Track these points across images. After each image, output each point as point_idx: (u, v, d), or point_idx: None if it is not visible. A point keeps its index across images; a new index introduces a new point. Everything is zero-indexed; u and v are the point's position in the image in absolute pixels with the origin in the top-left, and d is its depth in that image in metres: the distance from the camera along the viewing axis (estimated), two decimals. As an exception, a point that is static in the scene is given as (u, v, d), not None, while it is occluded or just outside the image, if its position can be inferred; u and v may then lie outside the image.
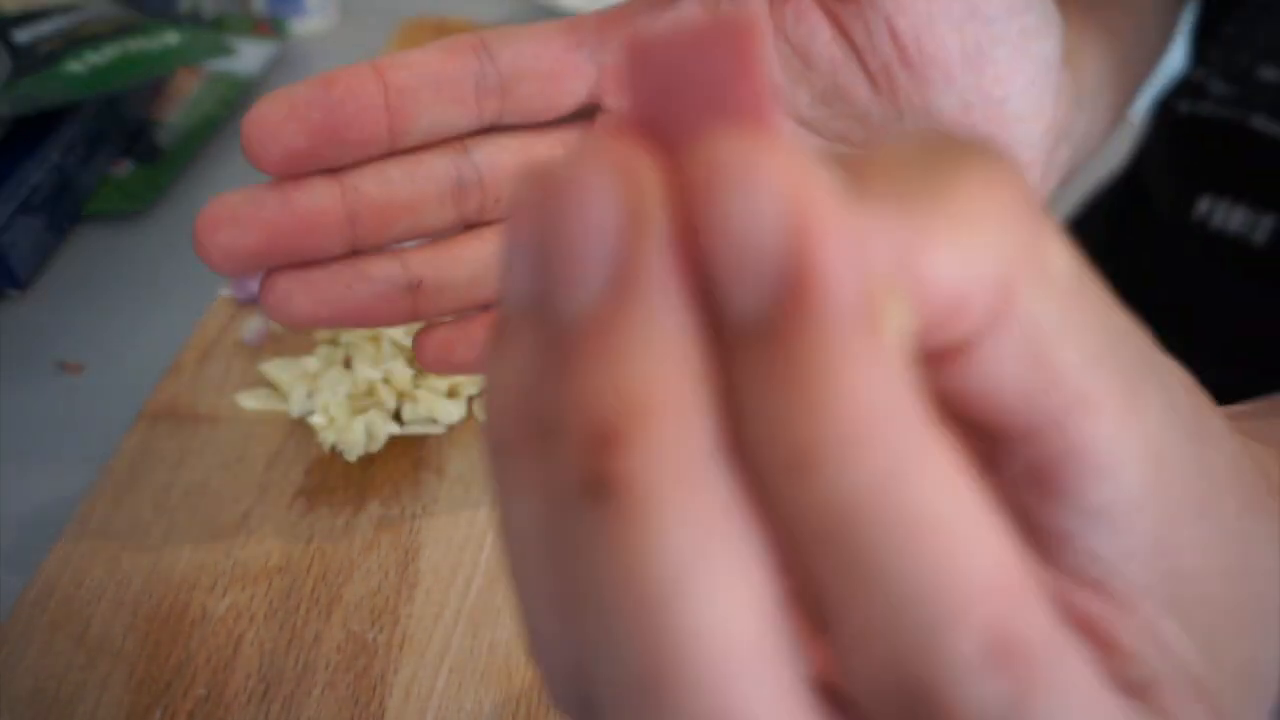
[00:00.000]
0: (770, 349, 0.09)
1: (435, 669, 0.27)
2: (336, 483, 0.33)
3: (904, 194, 0.10)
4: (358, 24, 0.77)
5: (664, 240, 0.09)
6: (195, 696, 0.26)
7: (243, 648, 0.27)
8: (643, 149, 0.09)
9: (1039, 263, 0.11)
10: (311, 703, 0.26)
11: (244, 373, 0.37)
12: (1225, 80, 0.42)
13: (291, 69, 0.67)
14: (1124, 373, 0.12)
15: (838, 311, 0.08)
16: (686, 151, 0.09)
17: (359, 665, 0.27)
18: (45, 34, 0.45)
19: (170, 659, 0.27)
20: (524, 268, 0.09)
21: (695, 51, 0.09)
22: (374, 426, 0.34)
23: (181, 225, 0.48)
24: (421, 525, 0.31)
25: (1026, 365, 0.11)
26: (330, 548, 0.30)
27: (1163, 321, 0.47)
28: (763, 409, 0.09)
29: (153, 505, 0.31)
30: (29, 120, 0.44)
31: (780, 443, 0.09)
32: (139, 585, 0.29)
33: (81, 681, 0.26)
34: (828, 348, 0.08)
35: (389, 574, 0.30)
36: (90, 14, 0.49)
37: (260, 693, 0.26)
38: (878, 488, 0.08)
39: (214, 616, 0.28)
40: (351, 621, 0.28)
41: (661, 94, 0.09)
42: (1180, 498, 0.12)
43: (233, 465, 0.33)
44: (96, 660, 0.27)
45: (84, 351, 0.39)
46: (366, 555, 0.30)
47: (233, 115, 0.57)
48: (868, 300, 0.08)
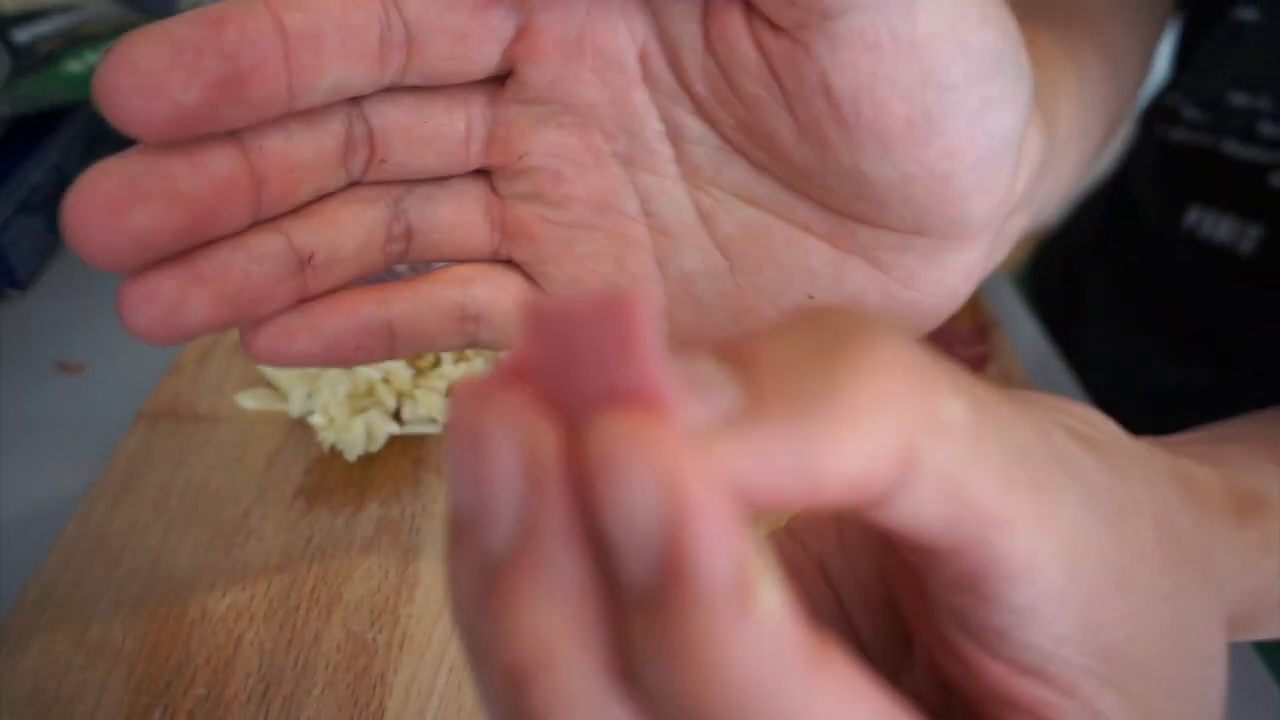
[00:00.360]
0: (657, 617, 0.09)
1: (435, 669, 0.27)
2: (336, 483, 0.33)
3: (792, 397, 0.11)
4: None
5: (562, 504, 0.10)
6: (195, 696, 0.26)
7: (243, 648, 0.27)
8: (540, 408, 0.10)
9: (934, 421, 0.11)
10: (311, 703, 0.26)
11: (244, 373, 0.37)
12: (1197, 106, 0.42)
13: (291, 69, 0.67)
14: (1034, 484, 0.13)
15: (711, 592, 0.09)
16: (582, 422, 0.10)
17: (359, 665, 0.27)
18: (45, 34, 0.45)
19: (170, 659, 0.27)
20: (461, 488, 0.10)
21: (586, 324, 0.09)
22: (374, 426, 0.34)
23: (181, 225, 0.48)
24: (421, 525, 0.31)
25: (941, 504, 0.12)
26: (330, 548, 0.30)
27: (1153, 323, 0.47)
28: (655, 671, 0.10)
29: (153, 505, 0.31)
30: (29, 120, 0.44)
31: (672, 705, 0.10)
32: (139, 585, 0.29)
33: (81, 681, 0.26)
34: (705, 625, 0.09)
35: (389, 574, 0.30)
36: (90, 14, 0.49)
37: (260, 693, 0.26)
38: None
39: (214, 616, 0.28)
40: (351, 621, 0.28)
41: (558, 359, 0.10)
42: (1102, 579, 0.13)
43: (233, 465, 0.33)
44: (96, 660, 0.27)
45: (84, 351, 0.39)
46: (366, 555, 0.30)
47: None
48: (740, 579, 0.09)
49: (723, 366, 0.11)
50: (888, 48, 0.17)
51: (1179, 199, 0.43)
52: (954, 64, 0.17)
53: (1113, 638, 0.13)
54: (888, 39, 0.17)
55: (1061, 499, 0.13)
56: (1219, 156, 0.40)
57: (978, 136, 0.18)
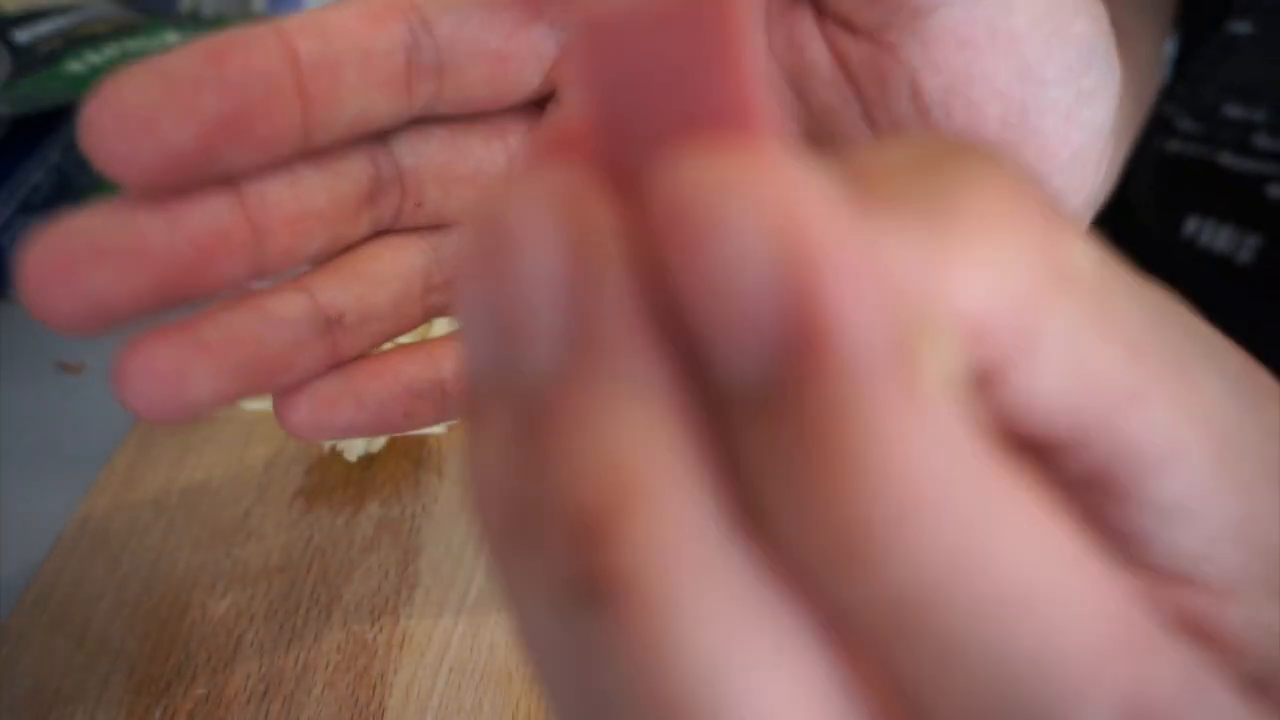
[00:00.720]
0: (783, 421, 0.07)
1: (435, 669, 0.27)
2: (336, 483, 0.33)
3: (912, 203, 0.09)
4: (358, 24, 0.76)
5: (625, 289, 0.07)
6: (195, 696, 0.26)
7: (243, 648, 0.27)
8: (593, 170, 0.07)
9: (1061, 267, 0.09)
10: (311, 703, 0.26)
11: (244, 373, 0.37)
12: (1192, 117, 0.42)
13: (291, 69, 0.67)
14: (1170, 354, 0.10)
15: (864, 364, 0.07)
16: (655, 171, 0.07)
17: (359, 665, 0.27)
18: (45, 34, 0.45)
19: (170, 659, 0.27)
20: (480, 336, 0.08)
21: (665, 35, 0.07)
22: (374, 426, 0.34)
23: (181, 225, 0.48)
24: (421, 525, 0.31)
25: (1067, 376, 0.10)
26: (330, 548, 0.30)
27: None
28: (786, 493, 0.07)
29: (153, 505, 0.31)
30: (29, 120, 0.44)
31: (818, 532, 0.07)
32: (139, 585, 0.29)
33: (81, 681, 0.26)
34: (859, 411, 0.07)
35: (389, 574, 0.30)
36: (90, 14, 0.49)
37: (260, 693, 0.26)
38: (958, 569, 0.07)
39: (214, 616, 0.28)
40: (351, 621, 0.28)
41: (623, 89, 0.07)
42: (1255, 468, 0.11)
43: (233, 465, 0.33)
44: (96, 660, 0.27)
45: (84, 351, 0.39)
46: (366, 555, 0.30)
47: (233, 115, 0.57)
48: (899, 343, 0.07)
49: (832, 164, 0.08)
50: (984, 43, 0.16)
51: (1178, 208, 0.43)
52: (1052, 57, 0.16)
53: (1273, 536, 0.11)
54: (984, 34, 0.16)
55: (1202, 375, 0.11)
56: (1215, 168, 0.41)
57: (1072, 133, 0.17)
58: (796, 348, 0.07)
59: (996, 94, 0.16)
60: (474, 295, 0.08)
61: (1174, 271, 0.46)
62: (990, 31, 0.16)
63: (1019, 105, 0.16)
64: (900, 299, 0.07)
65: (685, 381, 0.07)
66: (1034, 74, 0.16)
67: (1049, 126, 0.17)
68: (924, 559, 0.07)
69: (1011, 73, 0.16)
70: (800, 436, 0.07)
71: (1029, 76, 0.16)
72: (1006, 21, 0.16)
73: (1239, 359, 0.12)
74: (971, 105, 0.16)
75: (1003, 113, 0.16)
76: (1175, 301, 0.12)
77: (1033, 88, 0.16)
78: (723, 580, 0.07)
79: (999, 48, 0.16)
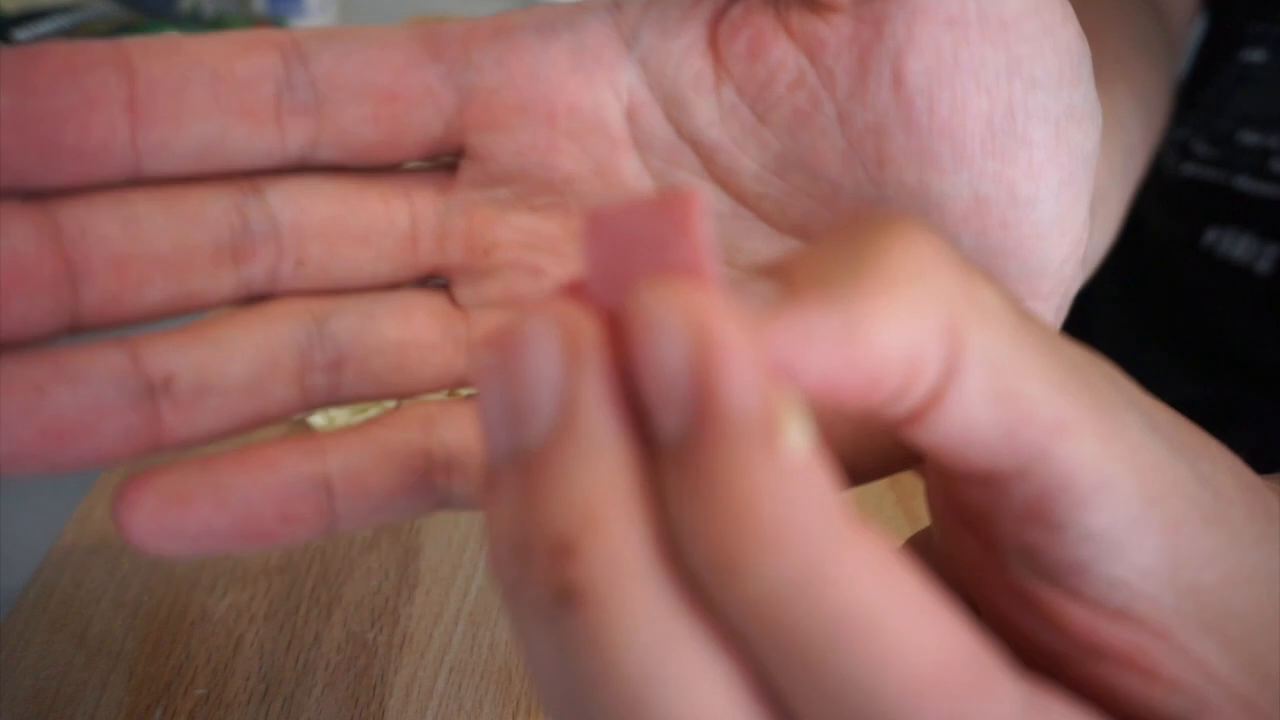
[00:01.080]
0: (687, 465, 0.09)
1: (435, 669, 0.27)
2: (336, 483, 0.33)
3: (830, 282, 0.10)
4: (357, 24, 0.77)
5: (600, 378, 0.10)
6: (195, 696, 0.26)
7: (243, 648, 0.27)
8: (584, 303, 0.10)
9: (976, 304, 0.11)
10: (311, 703, 0.26)
11: (244, 373, 0.37)
12: (1208, 143, 0.42)
13: (291, 69, 0.67)
14: (1091, 393, 0.12)
15: (736, 430, 0.09)
16: (630, 301, 0.10)
17: (359, 665, 0.27)
18: (45, 34, 0.45)
19: (170, 659, 0.27)
20: (496, 420, 0.10)
21: (647, 219, 0.10)
22: (374, 426, 0.34)
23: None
24: (421, 525, 0.31)
25: (996, 404, 0.11)
26: (330, 548, 0.30)
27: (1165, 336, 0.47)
28: (685, 519, 0.10)
29: (153, 505, 0.31)
30: (29, 120, 0.44)
31: (702, 549, 0.09)
32: (139, 585, 0.29)
33: (81, 681, 0.26)
34: (731, 463, 0.09)
35: (389, 574, 0.30)
36: (90, 14, 0.49)
37: (260, 693, 0.26)
38: (798, 590, 0.09)
39: (214, 616, 0.28)
40: (351, 621, 0.28)
41: (614, 255, 0.11)
42: (1182, 509, 0.12)
43: (233, 465, 0.33)
44: (96, 660, 0.27)
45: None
46: (366, 555, 0.30)
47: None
48: (765, 416, 0.09)
49: (762, 277, 0.11)
50: (974, 24, 0.15)
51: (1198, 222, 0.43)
52: (1043, 54, 0.15)
53: (1202, 577, 0.12)
54: (974, 13, 0.14)
55: (1123, 414, 0.12)
56: (1231, 191, 0.41)
57: (1061, 154, 0.15)
58: (696, 415, 0.09)
59: (983, 88, 0.15)
60: (492, 390, 0.10)
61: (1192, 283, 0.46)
62: (979, 12, 0.14)
63: (1006, 104, 0.15)
64: (773, 382, 0.10)
65: (642, 445, 0.10)
66: (1023, 70, 0.15)
67: (1038, 137, 0.15)
68: (773, 578, 0.09)
69: (1000, 64, 0.15)
70: (694, 477, 0.09)
71: (1017, 71, 0.15)
72: (996, 5, 0.15)
73: (1167, 413, 0.13)
74: (956, 98, 0.15)
75: (989, 111, 0.15)
76: (1096, 356, 0.13)
77: (1021, 85, 0.15)
78: (661, 589, 0.10)
79: (988, 32, 0.15)
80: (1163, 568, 0.12)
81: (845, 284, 0.10)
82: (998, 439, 0.11)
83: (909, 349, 0.10)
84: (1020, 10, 0.15)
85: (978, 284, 0.11)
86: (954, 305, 0.11)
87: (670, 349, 0.09)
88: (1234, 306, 0.42)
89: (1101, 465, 0.11)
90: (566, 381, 0.10)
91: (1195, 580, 0.12)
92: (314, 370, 0.16)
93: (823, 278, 0.11)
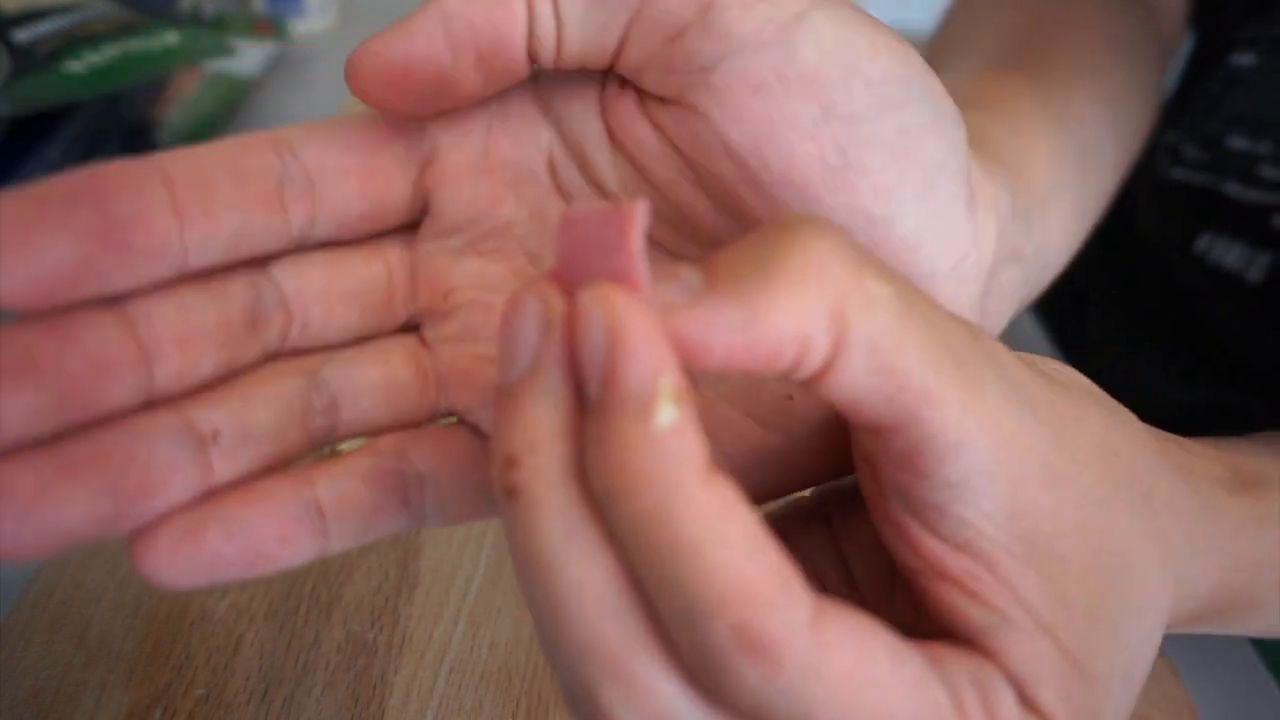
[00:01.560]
0: (596, 419, 0.13)
1: (435, 669, 0.27)
2: (336, 483, 0.33)
3: (740, 275, 0.13)
4: (358, 24, 0.77)
5: (559, 346, 0.14)
6: (195, 696, 0.26)
7: (243, 648, 0.27)
8: (558, 286, 0.14)
9: (862, 295, 0.14)
10: (311, 703, 0.26)
11: (244, 373, 0.37)
12: (1198, 146, 0.42)
13: (291, 69, 0.67)
14: (960, 368, 0.15)
15: (626, 402, 0.13)
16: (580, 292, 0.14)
17: (359, 665, 0.27)
18: (45, 34, 0.45)
19: (170, 659, 0.27)
20: (502, 352, 0.14)
21: (597, 227, 0.14)
22: (374, 426, 0.34)
23: (181, 225, 0.48)
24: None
25: (876, 376, 0.14)
26: (330, 548, 0.30)
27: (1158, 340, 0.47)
28: (591, 456, 0.13)
29: (153, 505, 0.31)
30: (29, 120, 0.44)
31: (598, 480, 0.13)
32: (139, 585, 0.29)
33: (81, 681, 0.26)
34: (620, 424, 0.13)
35: (389, 574, 0.30)
36: (90, 14, 0.49)
37: (260, 693, 0.26)
38: (652, 519, 0.13)
39: (214, 616, 0.28)
40: (351, 621, 0.28)
41: (576, 249, 0.14)
42: (1030, 469, 0.15)
43: (233, 465, 0.33)
44: (96, 660, 0.27)
45: (84, 351, 0.39)
46: (366, 555, 0.30)
47: (232, 115, 0.57)
48: (648, 393, 0.13)
49: (694, 268, 0.14)
50: (775, 87, 0.16)
51: (1189, 227, 0.43)
52: (854, 93, 0.16)
53: (1039, 526, 0.15)
54: (772, 77, 0.16)
55: (987, 386, 0.15)
56: (1220, 197, 0.41)
57: (908, 169, 0.17)
58: (604, 387, 0.13)
59: (806, 136, 0.16)
60: (503, 330, 0.14)
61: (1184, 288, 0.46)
62: (779, 75, 0.16)
63: (833, 144, 0.16)
64: (661, 368, 0.13)
65: (578, 399, 0.14)
66: (838, 111, 0.16)
67: (876, 164, 0.16)
68: (637, 509, 0.13)
69: (814, 113, 0.16)
70: (597, 430, 0.13)
71: (834, 114, 0.16)
72: (794, 63, 0.16)
73: (1046, 393, 0.16)
74: (783, 151, 0.16)
75: (819, 153, 0.16)
76: (978, 329, 0.16)
77: (841, 126, 0.16)
78: (567, 498, 0.13)
79: (793, 89, 0.16)
80: (1002, 515, 0.15)
81: (752, 278, 0.13)
82: (880, 403, 0.14)
83: (798, 333, 0.13)
84: (816, 63, 0.16)
85: (867, 276, 0.14)
86: (841, 296, 0.13)
87: (594, 337, 0.13)
88: (1227, 313, 0.42)
89: (961, 428, 0.14)
90: (539, 344, 0.14)
91: (1031, 528, 0.15)
92: (315, 414, 0.18)
93: (736, 271, 0.14)
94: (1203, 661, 0.31)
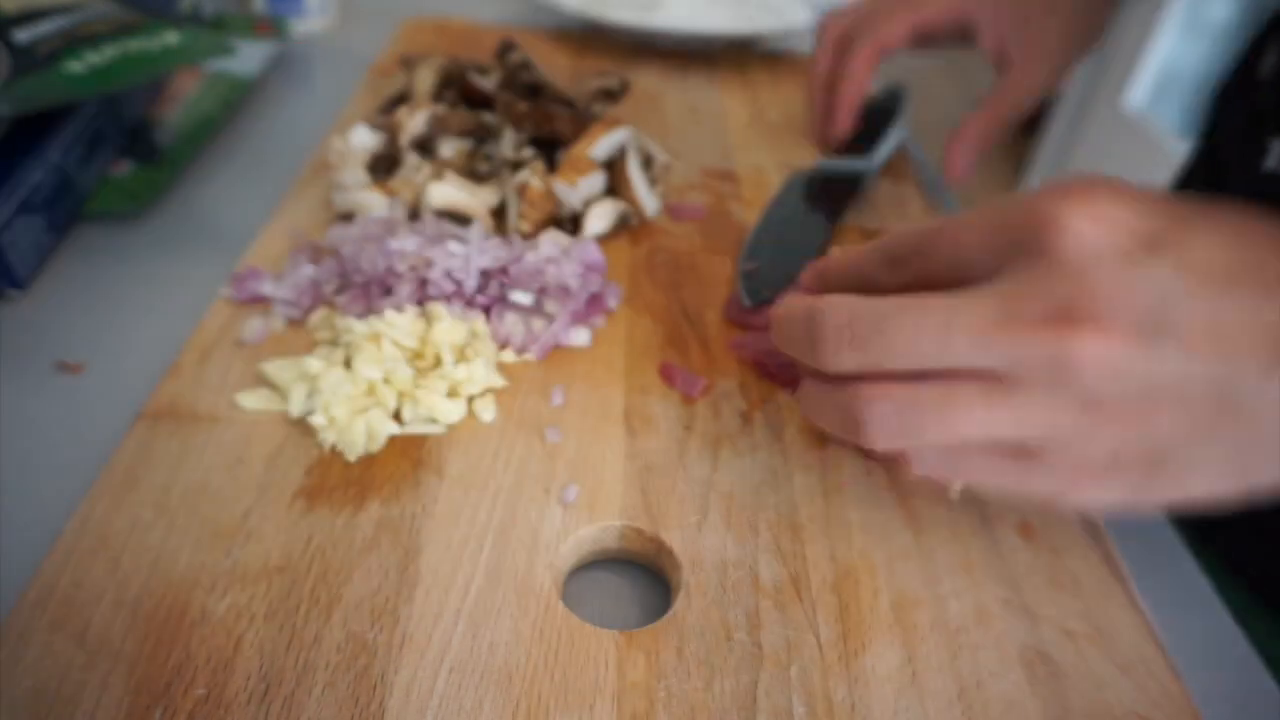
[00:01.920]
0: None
1: (435, 669, 0.27)
2: (336, 483, 0.33)
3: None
4: (358, 24, 0.77)
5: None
6: (195, 696, 0.26)
7: (243, 648, 0.27)
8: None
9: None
10: (311, 703, 0.26)
11: (244, 373, 0.37)
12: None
13: (291, 69, 0.67)
14: None
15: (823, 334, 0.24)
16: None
17: (359, 665, 0.27)
18: (45, 34, 0.45)
19: (170, 659, 0.27)
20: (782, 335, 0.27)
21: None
22: (374, 426, 0.34)
23: (181, 225, 0.48)
24: (421, 525, 0.31)
25: None
26: (330, 548, 0.30)
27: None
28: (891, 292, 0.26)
29: (153, 505, 0.31)
30: (29, 120, 0.44)
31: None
32: (139, 585, 0.29)
33: (81, 681, 0.26)
34: (828, 331, 0.24)
35: (389, 574, 0.30)
36: (90, 14, 0.49)
37: (260, 693, 0.26)
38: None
39: (214, 616, 0.28)
40: (351, 621, 0.28)
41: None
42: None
43: (233, 465, 0.33)
44: (96, 660, 0.27)
45: (84, 351, 0.39)
46: (366, 555, 0.30)
47: (233, 115, 0.57)
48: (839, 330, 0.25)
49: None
50: None
51: (1261, 136, 0.47)
52: None
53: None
54: None
55: None
56: None
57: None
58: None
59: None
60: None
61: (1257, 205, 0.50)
62: None
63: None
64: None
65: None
66: None
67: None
68: None
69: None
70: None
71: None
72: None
73: None
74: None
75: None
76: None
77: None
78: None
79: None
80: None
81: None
82: None
83: None
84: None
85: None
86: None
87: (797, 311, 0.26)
88: None
89: None
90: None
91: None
92: None
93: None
94: (1203, 661, 0.31)
